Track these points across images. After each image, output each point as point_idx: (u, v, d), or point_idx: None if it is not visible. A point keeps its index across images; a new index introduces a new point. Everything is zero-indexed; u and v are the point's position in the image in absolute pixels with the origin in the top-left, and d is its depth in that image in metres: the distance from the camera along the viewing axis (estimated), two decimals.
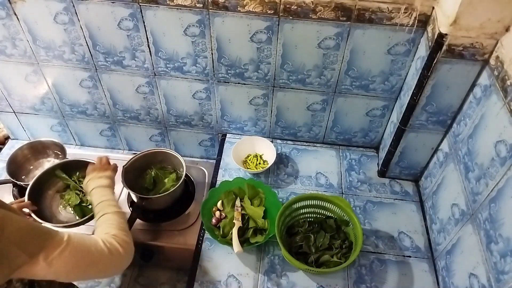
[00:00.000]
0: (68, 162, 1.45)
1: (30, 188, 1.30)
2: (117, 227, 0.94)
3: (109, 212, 0.99)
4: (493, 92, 0.98)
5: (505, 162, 0.90)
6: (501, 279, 0.86)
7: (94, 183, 1.11)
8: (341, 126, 1.54)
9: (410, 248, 1.29)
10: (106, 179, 1.13)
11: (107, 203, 1.03)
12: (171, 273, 1.76)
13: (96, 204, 1.04)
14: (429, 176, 1.37)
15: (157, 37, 1.30)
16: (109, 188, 1.11)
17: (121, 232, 0.92)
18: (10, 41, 1.39)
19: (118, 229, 0.93)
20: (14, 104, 1.66)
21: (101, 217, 0.98)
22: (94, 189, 1.09)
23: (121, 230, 0.93)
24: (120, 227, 0.94)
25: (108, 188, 1.11)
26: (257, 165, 1.51)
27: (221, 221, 1.29)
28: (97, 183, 1.11)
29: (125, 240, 0.91)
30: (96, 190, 1.09)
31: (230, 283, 1.20)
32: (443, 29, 1.01)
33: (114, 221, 0.96)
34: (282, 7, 1.16)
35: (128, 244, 0.91)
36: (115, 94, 1.54)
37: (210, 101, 1.51)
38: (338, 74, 1.33)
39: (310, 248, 1.21)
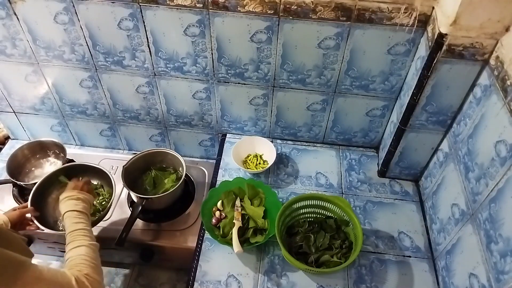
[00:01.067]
0: (71, 166, 1.44)
1: (33, 193, 1.29)
2: (90, 264, 0.92)
3: (83, 245, 0.96)
4: (493, 92, 0.98)
5: (505, 162, 0.90)
6: (501, 279, 0.86)
7: (68, 205, 1.07)
8: (341, 126, 1.54)
9: (410, 248, 1.29)
10: (81, 203, 1.10)
11: (82, 232, 1.00)
12: (171, 273, 1.76)
13: (69, 231, 1.01)
14: (429, 176, 1.37)
15: (157, 37, 1.30)
16: (84, 214, 1.07)
17: (93, 271, 0.91)
18: (10, 41, 1.39)
19: (91, 267, 0.91)
20: (14, 104, 1.66)
21: (75, 249, 0.96)
22: (68, 212, 1.06)
23: (93, 268, 0.92)
24: (93, 264, 0.93)
25: (83, 214, 1.07)
26: (257, 165, 1.51)
27: (221, 221, 1.29)
28: (71, 206, 1.07)
29: (97, 280, 0.90)
30: (71, 214, 1.05)
31: (230, 283, 1.20)
32: (443, 29, 1.01)
33: (87, 257, 0.94)
34: (282, 7, 1.16)
35: (99, 284, 0.90)
36: (115, 94, 1.54)
37: (210, 101, 1.51)
38: (338, 74, 1.33)
39: (310, 248, 1.21)
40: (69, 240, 0.99)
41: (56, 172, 1.38)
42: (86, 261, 0.92)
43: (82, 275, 0.88)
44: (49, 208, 1.36)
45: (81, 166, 1.44)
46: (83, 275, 0.88)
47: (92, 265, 0.93)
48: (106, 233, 1.42)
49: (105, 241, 1.40)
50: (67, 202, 1.09)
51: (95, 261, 0.95)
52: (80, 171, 1.44)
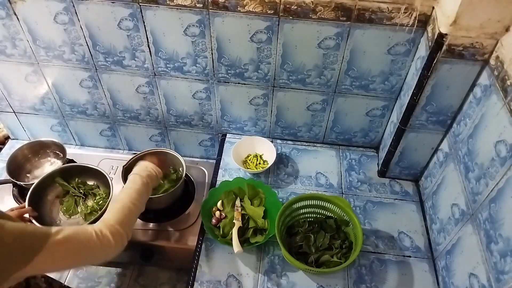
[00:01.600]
0: (68, 167, 1.44)
1: (30, 193, 1.29)
2: (120, 217, 0.95)
3: (123, 200, 1.02)
4: (493, 92, 0.98)
5: (505, 162, 0.90)
6: (501, 279, 0.86)
7: (135, 169, 1.17)
8: (341, 126, 1.54)
9: (410, 248, 1.29)
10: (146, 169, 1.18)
11: (130, 191, 1.06)
12: (171, 273, 1.76)
13: (122, 189, 1.08)
14: (429, 176, 1.37)
15: (157, 37, 1.30)
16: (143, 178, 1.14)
17: (120, 224, 0.94)
18: (10, 41, 1.39)
19: (119, 220, 0.94)
20: (14, 104, 1.66)
21: (115, 202, 1.01)
22: (132, 175, 1.15)
23: (121, 221, 0.95)
24: (122, 218, 0.96)
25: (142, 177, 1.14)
26: (257, 165, 1.51)
27: (221, 221, 1.29)
28: (137, 170, 1.17)
29: (120, 232, 0.93)
30: (132, 177, 1.14)
31: (230, 283, 1.20)
32: (443, 29, 1.01)
33: (121, 211, 0.98)
34: (282, 7, 1.16)
35: (121, 237, 0.93)
36: (115, 94, 1.54)
37: (210, 101, 1.51)
38: (338, 74, 1.33)
39: (310, 248, 1.21)
40: (118, 195, 1.06)
41: (53, 173, 1.38)
42: (117, 214, 0.96)
43: (106, 226, 0.90)
44: (46, 208, 1.37)
45: (78, 167, 1.44)
46: (107, 226, 0.90)
47: (121, 218, 0.95)
48: None
49: None
50: (138, 167, 1.20)
51: (127, 217, 0.98)
52: (77, 172, 1.45)
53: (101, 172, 1.41)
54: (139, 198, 1.07)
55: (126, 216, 0.98)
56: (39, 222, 1.22)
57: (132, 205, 1.03)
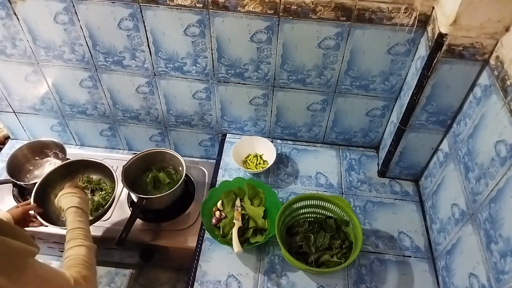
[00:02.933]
0: (73, 162, 1.45)
1: (36, 190, 1.30)
2: (88, 266, 0.96)
3: (83, 245, 1.00)
4: (493, 92, 0.98)
5: (505, 162, 0.90)
6: (501, 279, 0.86)
7: (72, 201, 1.11)
8: (341, 126, 1.54)
9: (410, 248, 1.29)
10: (83, 201, 1.13)
11: (83, 232, 1.04)
12: (171, 273, 1.76)
13: (71, 228, 1.04)
14: (429, 176, 1.37)
15: (157, 37, 1.30)
16: (85, 214, 1.11)
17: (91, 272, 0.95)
18: (10, 41, 1.39)
19: (89, 269, 0.95)
20: (14, 104, 1.66)
21: (75, 247, 0.99)
22: (72, 208, 1.09)
23: (91, 270, 0.96)
24: (90, 266, 0.97)
25: (84, 212, 1.11)
26: (257, 165, 1.51)
27: (221, 221, 1.29)
28: (75, 203, 1.11)
29: (93, 282, 0.94)
30: (74, 210, 1.09)
31: (230, 283, 1.20)
32: (443, 29, 1.01)
33: (86, 258, 0.97)
34: (282, 7, 1.16)
35: (95, 286, 0.94)
36: (115, 94, 1.54)
37: (210, 101, 1.51)
38: (338, 74, 1.33)
39: (310, 248, 1.21)
40: (69, 238, 1.02)
41: (58, 168, 1.39)
42: (85, 262, 0.95)
43: (80, 276, 0.91)
44: (51, 204, 1.37)
45: (83, 162, 1.45)
46: (81, 277, 0.91)
47: (90, 266, 0.96)
48: (106, 233, 1.43)
49: (105, 241, 1.41)
50: (70, 197, 1.12)
51: (92, 263, 0.98)
52: (82, 167, 1.45)
53: (106, 167, 1.42)
54: (90, 236, 1.06)
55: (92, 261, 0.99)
56: (44, 218, 1.23)
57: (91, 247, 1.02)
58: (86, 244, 1.01)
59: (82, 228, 1.05)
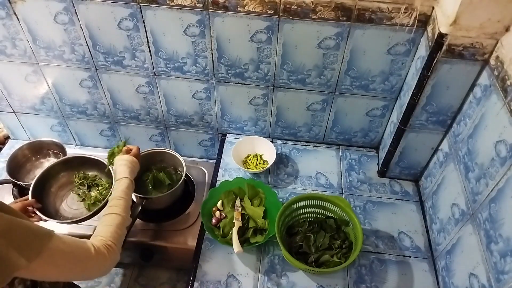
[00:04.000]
0: (70, 159, 1.45)
1: (33, 186, 1.30)
2: (116, 234, 0.98)
3: (120, 214, 1.04)
4: (493, 92, 0.98)
5: (505, 162, 0.90)
6: (501, 279, 0.86)
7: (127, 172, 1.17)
8: (341, 126, 1.54)
9: (410, 248, 1.29)
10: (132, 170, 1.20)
11: (124, 203, 1.08)
12: (171, 273, 1.76)
13: (117, 196, 1.09)
14: (429, 176, 1.37)
15: (157, 37, 1.30)
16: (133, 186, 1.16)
17: (116, 241, 0.97)
18: (10, 41, 1.39)
19: (115, 238, 0.97)
20: (14, 104, 1.66)
21: (112, 215, 1.03)
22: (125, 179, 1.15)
23: (117, 239, 0.98)
24: (118, 235, 0.99)
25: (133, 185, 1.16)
26: (257, 165, 1.51)
27: (221, 221, 1.29)
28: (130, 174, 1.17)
29: (115, 250, 0.95)
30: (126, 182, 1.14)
31: (230, 283, 1.20)
32: (443, 29, 1.01)
33: (117, 227, 1.00)
34: (282, 7, 1.16)
35: (116, 255, 0.96)
36: (115, 94, 1.54)
37: (210, 101, 1.51)
38: (338, 74, 1.33)
39: (310, 248, 1.21)
40: (112, 204, 1.07)
41: (55, 164, 1.40)
42: (114, 233, 0.98)
43: (103, 245, 0.93)
44: (49, 200, 1.38)
45: (79, 158, 1.46)
46: (105, 245, 0.93)
47: (118, 237, 0.99)
48: None
49: None
50: (128, 167, 1.20)
51: (122, 234, 1.01)
52: (78, 163, 1.46)
53: (102, 162, 1.42)
54: (129, 208, 1.10)
55: (121, 232, 1.01)
56: (43, 213, 1.24)
57: (126, 219, 1.06)
58: (123, 215, 1.05)
59: (126, 199, 1.09)
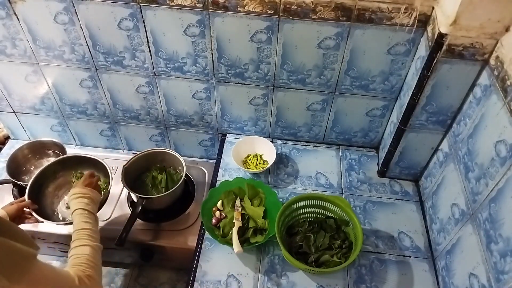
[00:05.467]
0: (67, 158, 1.45)
1: (30, 187, 1.30)
2: (93, 265, 0.96)
3: (89, 245, 1.01)
4: (493, 92, 0.98)
5: (505, 162, 0.90)
6: (501, 279, 0.86)
7: (80, 204, 1.11)
8: (341, 126, 1.54)
9: (410, 248, 1.29)
10: (91, 202, 1.13)
11: (89, 232, 1.04)
12: (171, 273, 1.76)
13: (77, 229, 1.05)
14: (429, 176, 1.37)
15: (157, 37, 1.30)
16: (93, 215, 1.11)
17: (95, 272, 0.95)
18: (10, 41, 1.39)
19: (93, 268, 0.95)
20: (14, 104, 1.66)
21: (80, 247, 1.00)
22: (79, 210, 1.10)
23: (95, 269, 0.96)
24: (95, 265, 0.97)
25: (91, 214, 1.11)
26: (257, 165, 1.51)
27: (221, 221, 1.29)
28: (83, 205, 1.11)
29: (97, 281, 0.94)
30: (81, 212, 1.09)
31: (230, 283, 1.20)
32: (443, 29, 1.01)
33: (91, 257, 0.98)
34: (282, 7, 1.16)
35: (99, 285, 0.95)
36: (115, 94, 1.54)
37: (210, 101, 1.51)
38: (338, 74, 1.33)
39: (310, 248, 1.21)
40: (75, 237, 1.03)
41: (51, 164, 1.40)
42: (89, 262, 0.96)
43: (84, 275, 0.91)
44: (46, 200, 1.38)
45: (76, 158, 1.46)
46: (85, 276, 0.91)
47: (95, 266, 0.96)
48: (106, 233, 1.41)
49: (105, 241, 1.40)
50: (79, 200, 1.13)
51: (97, 262, 0.99)
52: (75, 163, 1.46)
53: (99, 162, 1.42)
54: (97, 237, 1.07)
55: (97, 261, 0.99)
56: (39, 214, 1.24)
57: (97, 248, 1.03)
58: (91, 244, 1.01)
59: (88, 228, 1.05)
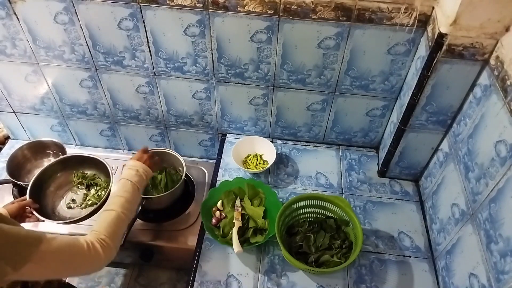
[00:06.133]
0: (68, 158, 1.45)
1: (31, 186, 1.30)
2: (111, 229, 0.96)
3: (115, 211, 1.01)
4: (493, 92, 0.98)
5: (505, 162, 0.90)
6: (501, 279, 0.86)
7: (127, 174, 1.14)
8: (341, 126, 1.54)
9: (410, 248, 1.29)
10: (138, 176, 1.15)
11: (122, 200, 1.05)
12: (171, 273, 1.76)
13: (115, 195, 1.06)
14: (429, 176, 1.37)
15: (157, 37, 1.30)
16: (136, 188, 1.12)
17: (111, 236, 0.95)
18: (10, 41, 1.39)
19: (109, 232, 0.95)
20: (14, 104, 1.66)
21: (107, 211, 1.01)
22: (123, 180, 1.12)
23: (112, 234, 0.95)
24: (113, 230, 0.97)
25: (134, 186, 1.12)
26: (257, 165, 1.51)
27: (221, 221, 1.29)
28: (129, 176, 1.13)
29: (110, 246, 0.93)
30: (124, 182, 1.11)
31: (230, 283, 1.20)
32: (443, 29, 1.01)
33: (113, 223, 0.98)
34: (282, 7, 1.16)
35: (111, 251, 0.94)
36: (115, 94, 1.54)
37: (210, 101, 1.51)
38: (338, 74, 1.33)
39: (310, 248, 1.21)
40: (108, 202, 1.05)
41: (52, 164, 1.40)
42: (109, 227, 0.96)
43: (97, 240, 0.91)
44: (47, 200, 1.38)
45: (77, 157, 1.46)
46: (98, 240, 0.91)
47: (113, 232, 0.96)
48: None
49: None
50: (128, 171, 1.16)
51: (118, 230, 0.99)
52: (76, 163, 1.46)
53: (100, 162, 1.43)
54: (130, 207, 1.07)
55: (117, 228, 0.99)
56: (40, 214, 1.23)
57: (124, 216, 1.03)
58: (119, 211, 1.01)
59: (123, 197, 1.06)
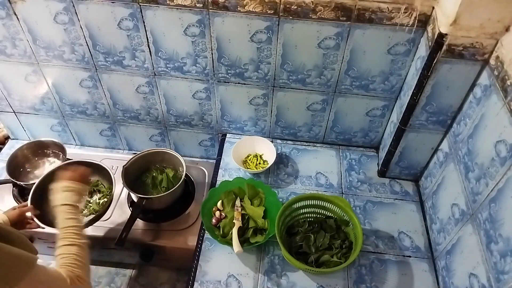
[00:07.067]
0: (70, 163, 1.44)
1: (33, 191, 1.29)
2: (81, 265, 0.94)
3: (75, 244, 0.98)
4: (493, 92, 0.98)
5: (505, 162, 0.90)
6: (501, 279, 0.86)
7: (62, 198, 1.06)
8: (341, 126, 1.54)
9: (410, 248, 1.29)
10: (75, 195, 1.08)
11: (74, 230, 1.00)
12: (171, 273, 1.76)
13: (62, 227, 1.01)
14: (429, 176, 1.37)
15: (157, 37, 1.30)
16: (76, 209, 1.06)
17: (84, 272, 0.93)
18: (10, 41, 1.39)
19: (82, 268, 0.94)
20: (14, 104, 1.66)
21: (67, 246, 0.97)
22: (62, 206, 1.05)
23: (84, 269, 0.94)
24: (83, 264, 0.95)
25: (75, 208, 1.06)
26: (257, 165, 1.51)
27: (221, 221, 1.29)
28: (65, 199, 1.06)
29: (87, 281, 0.93)
30: (63, 209, 1.04)
31: (230, 283, 1.20)
32: (443, 29, 1.01)
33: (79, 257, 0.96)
34: (282, 7, 1.16)
35: (89, 285, 0.93)
36: (115, 94, 1.54)
37: (210, 101, 1.51)
38: (338, 74, 1.33)
39: (310, 248, 1.21)
40: (61, 236, 0.99)
41: (55, 170, 1.38)
42: (77, 261, 0.94)
43: (74, 276, 0.90)
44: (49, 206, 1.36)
45: (80, 163, 1.44)
46: (75, 276, 0.90)
47: (83, 265, 0.95)
48: (106, 233, 1.43)
49: (105, 241, 1.41)
50: (62, 194, 1.07)
51: (85, 261, 0.97)
52: None
53: (104, 168, 1.42)
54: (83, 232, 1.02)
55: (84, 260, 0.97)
56: (41, 220, 1.23)
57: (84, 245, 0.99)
58: (78, 242, 0.98)
59: (73, 226, 1.01)
